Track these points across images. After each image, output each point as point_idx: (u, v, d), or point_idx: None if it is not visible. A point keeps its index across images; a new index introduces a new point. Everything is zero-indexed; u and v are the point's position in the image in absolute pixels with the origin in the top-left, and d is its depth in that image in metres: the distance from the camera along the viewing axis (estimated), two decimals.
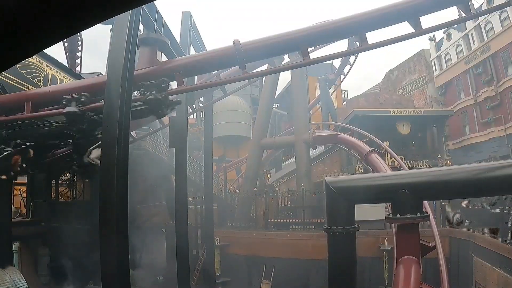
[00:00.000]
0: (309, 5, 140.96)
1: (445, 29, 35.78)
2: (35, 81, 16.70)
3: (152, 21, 12.73)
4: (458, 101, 41.75)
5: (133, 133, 21.22)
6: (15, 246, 21.19)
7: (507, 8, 29.39)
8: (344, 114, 35.82)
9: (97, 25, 2.55)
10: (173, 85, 12.68)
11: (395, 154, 25.35)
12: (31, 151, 11.40)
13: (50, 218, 25.74)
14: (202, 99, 26.82)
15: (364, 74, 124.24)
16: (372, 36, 11.50)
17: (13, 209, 21.95)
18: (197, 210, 28.23)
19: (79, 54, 33.79)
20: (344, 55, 23.72)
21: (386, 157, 26.53)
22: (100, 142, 10.79)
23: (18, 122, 12.78)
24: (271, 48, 11.56)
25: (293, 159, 33.18)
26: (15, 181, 22.88)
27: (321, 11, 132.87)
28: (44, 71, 17.38)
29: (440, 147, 33.97)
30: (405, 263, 8.85)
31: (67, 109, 10.52)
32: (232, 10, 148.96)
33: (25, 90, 15.63)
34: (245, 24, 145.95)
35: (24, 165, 11.63)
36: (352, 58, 39.34)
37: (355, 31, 11.01)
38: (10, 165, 11.17)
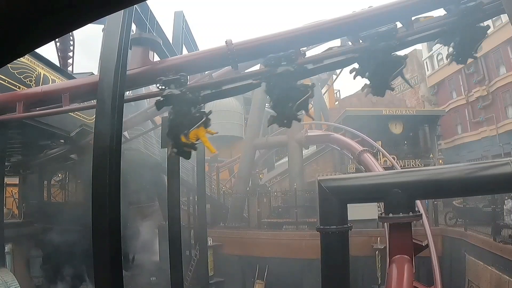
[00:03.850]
0: (305, 6, 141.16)
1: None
2: (27, 81, 16.61)
3: (144, 21, 12.71)
4: (450, 100, 41.97)
5: (126, 133, 21.17)
6: (7, 247, 21.06)
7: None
8: (337, 114, 35.84)
9: (89, 24, 2.54)
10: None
11: (387, 154, 25.41)
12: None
13: (43, 219, 25.64)
14: None
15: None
16: None
17: (5, 210, 21.81)
18: (189, 211, 28.20)
19: (71, 54, 33.59)
20: (337, 55, 23.72)
21: (379, 157, 26.58)
22: (200, 122, 10.50)
23: None
24: (264, 48, 11.55)
25: (285, 159, 33.20)
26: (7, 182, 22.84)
27: (317, 11, 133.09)
28: (36, 71, 17.28)
29: (432, 146, 34.06)
30: (398, 262, 8.88)
31: (167, 92, 10.35)
32: (229, 12, 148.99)
33: (16, 90, 15.55)
34: (242, 25, 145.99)
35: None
36: None
37: (348, 31, 11.03)
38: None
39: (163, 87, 10.60)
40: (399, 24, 10.59)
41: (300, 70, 10.26)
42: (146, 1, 13.03)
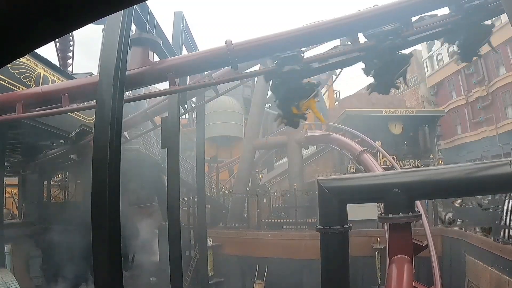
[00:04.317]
0: (305, 6, 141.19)
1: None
2: (27, 81, 16.64)
3: (144, 21, 12.70)
4: (449, 101, 41.98)
5: (125, 133, 21.18)
6: (7, 248, 21.09)
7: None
8: (336, 114, 35.80)
9: (89, 25, 2.54)
10: (165, 85, 12.68)
11: (387, 154, 25.42)
12: None
13: (42, 220, 25.65)
14: (194, 99, 26.80)
15: (356, 75, 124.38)
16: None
17: (4, 210, 21.84)
18: (189, 211, 28.19)
19: (71, 54, 33.63)
20: (336, 56, 23.75)
21: (378, 157, 26.58)
22: (312, 95, 11.07)
23: None
24: (263, 49, 11.55)
25: (285, 159, 33.20)
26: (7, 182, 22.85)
27: (317, 11, 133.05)
28: (36, 71, 17.31)
29: (432, 146, 34.00)
30: (398, 262, 8.88)
31: (289, 68, 10.72)
32: (229, 12, 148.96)
33: (16, 90, 15.56)
34: (242, 25, 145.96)
35: None
36: None
37: (347, 31, 11.05)
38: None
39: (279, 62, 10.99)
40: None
41: (405, 42, 10.63)
42: (146, 1, 13.01)
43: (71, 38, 33.10)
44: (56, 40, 29.47)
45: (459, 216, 21.66)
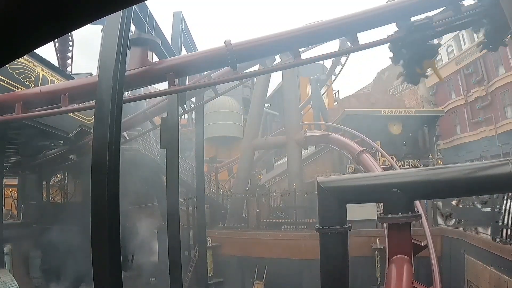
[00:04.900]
0: (305, 6, 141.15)
1: None
2: (26, 81, 16.63)
3: (143, 21, 12.68)
4: (449, 101, 41.98)
5: (125, 133, 21.17)
6: (7, 248, 21.09)
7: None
8: (336, 114, 35.82)
9: (89, 25, 2.53)
10: (164, 85, 12.68)
11: (386, 154, 25.40)
12: None
13: (42, 220, 25.64)
14: (193, 99, 26.79)
15: (355, 75, 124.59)
16: (364, 37, 11.58)
17: (4, 211, 21.83)
18: (189, 211, 28.19)
19: (70, 54, 33.60)
20: (336, 56, 23.82)
21: (378, 157, 26.56)
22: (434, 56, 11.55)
23: None
24: (263, 49, 11.57)
25: (284, 159, 33.18)
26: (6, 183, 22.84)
27: (317, 11, 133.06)
28: (35, 71, 17.29)
29: (431, 146, 34.04)
30: (397, 262, 8.88)
31: (418, 35, 11.03)
32: (229, 12, 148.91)
33: (15, 90, 15.54)
34: (242, 25, 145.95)
35: None
36: (343, 59, 39.34)
37: (346, 32, 11.06)
38: None
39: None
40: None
41: None
42: (145, 1, 13.00)
43: (70, 38, 33.06)
44: (56, 40, 29.46)
45: (459, 216, 21.65)
